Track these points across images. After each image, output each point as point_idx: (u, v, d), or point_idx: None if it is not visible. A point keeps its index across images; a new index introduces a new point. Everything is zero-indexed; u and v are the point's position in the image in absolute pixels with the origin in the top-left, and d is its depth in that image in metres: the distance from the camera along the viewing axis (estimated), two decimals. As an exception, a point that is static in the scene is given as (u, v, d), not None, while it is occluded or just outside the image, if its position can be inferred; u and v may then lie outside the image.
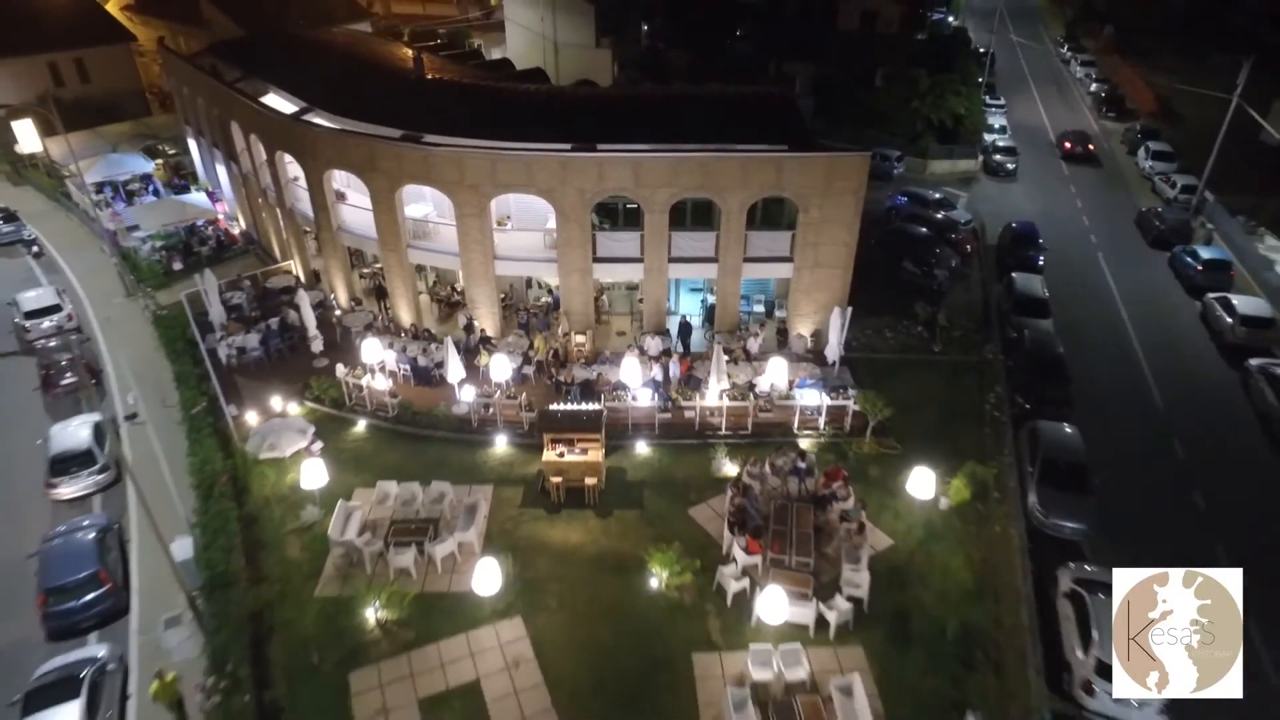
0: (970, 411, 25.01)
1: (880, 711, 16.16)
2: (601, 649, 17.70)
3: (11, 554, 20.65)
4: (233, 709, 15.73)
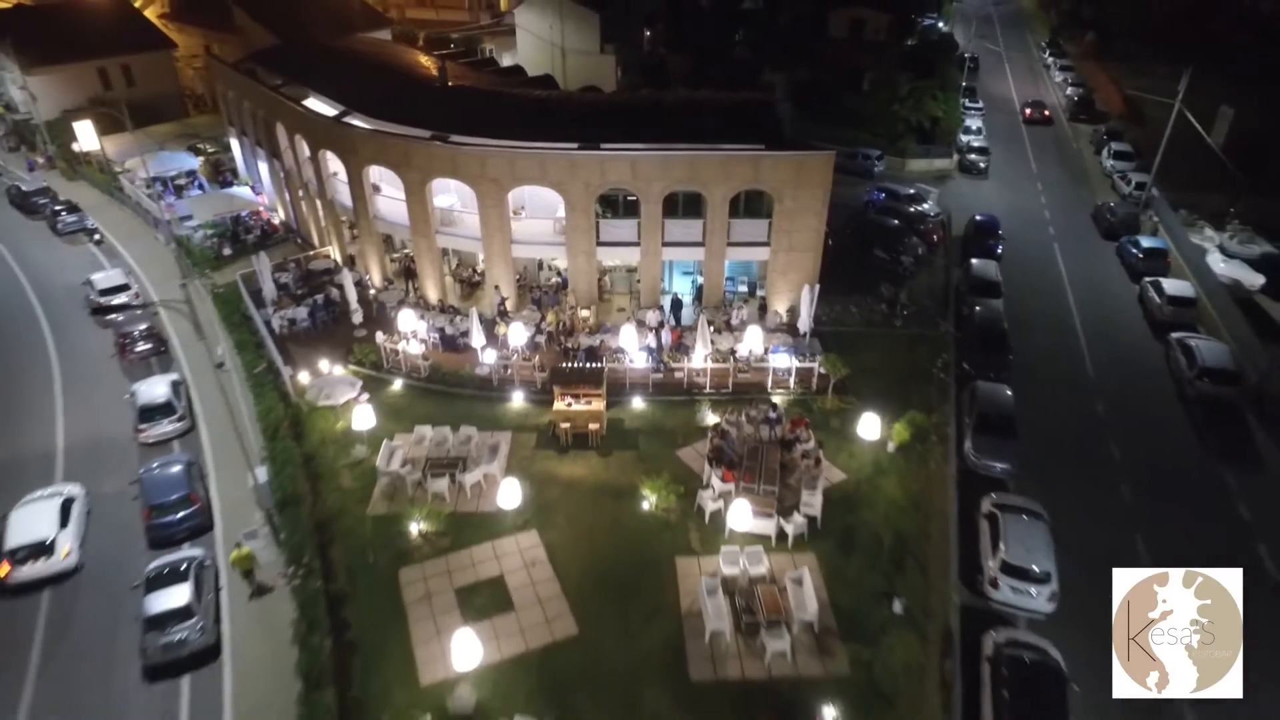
0: (921, 375, 29.00)
1: (824, 598, 20.19)
2: (602, 554, 21.78)
3: (112, 486, 24.82)
4: (309, 589, 19.87)
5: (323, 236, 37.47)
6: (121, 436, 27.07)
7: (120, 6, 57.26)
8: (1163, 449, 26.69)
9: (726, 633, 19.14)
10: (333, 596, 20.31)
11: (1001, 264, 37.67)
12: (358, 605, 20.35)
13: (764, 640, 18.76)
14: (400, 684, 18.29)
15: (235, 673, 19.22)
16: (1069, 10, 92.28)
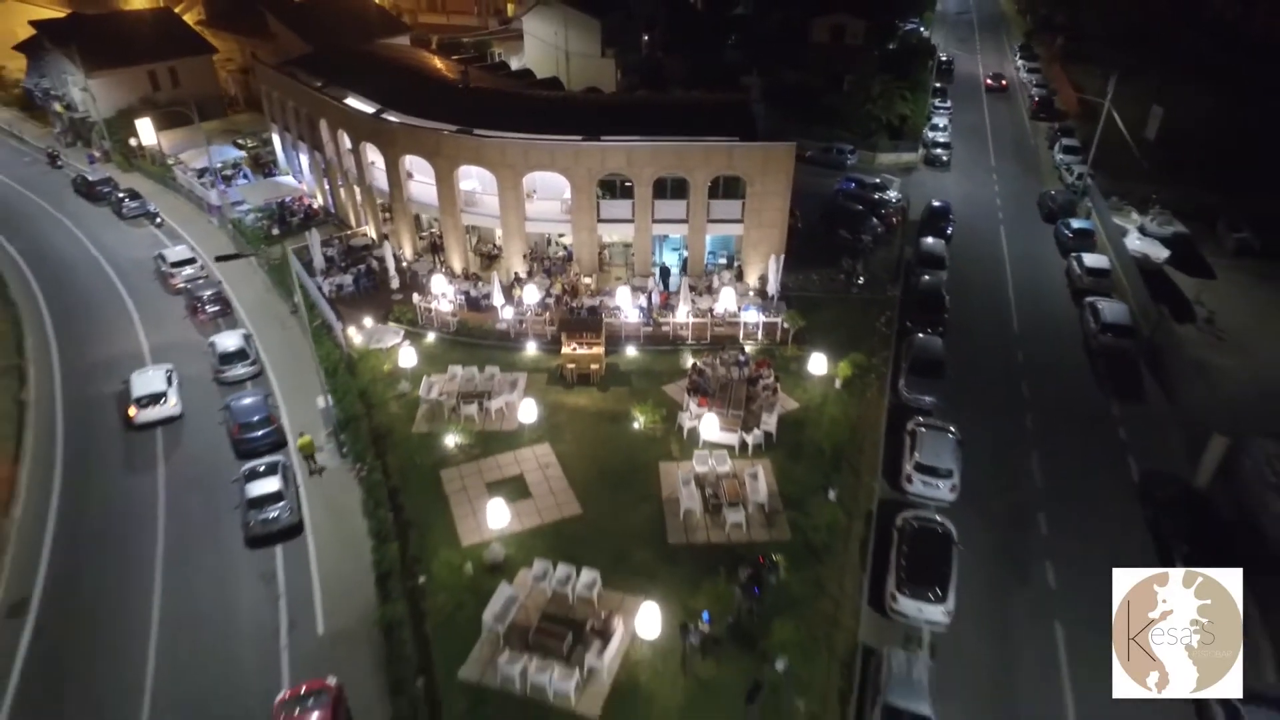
0: (868, 330, 34.59)
1: (774, 489, 25.82)
2: (601, 459, 27.40)
3: (206, 415, 30.45)
4: (373, 481, 25.55)
5: (359, 217, 43.14)
6: (203, 378, 32.73)
7: (166, 16, 63.05)
8: (1065, 388, 32.27)
9: (696, 511, 24.76)
10: (389, 488, 25.96)
11: (950, 243, 43.27)
12: (408, 495, 25.98)
13: (725, 515, 24.38)
14: (446, 545, 23.94)
15: (316, 543, 24.84)
16: (1044, 16, 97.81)
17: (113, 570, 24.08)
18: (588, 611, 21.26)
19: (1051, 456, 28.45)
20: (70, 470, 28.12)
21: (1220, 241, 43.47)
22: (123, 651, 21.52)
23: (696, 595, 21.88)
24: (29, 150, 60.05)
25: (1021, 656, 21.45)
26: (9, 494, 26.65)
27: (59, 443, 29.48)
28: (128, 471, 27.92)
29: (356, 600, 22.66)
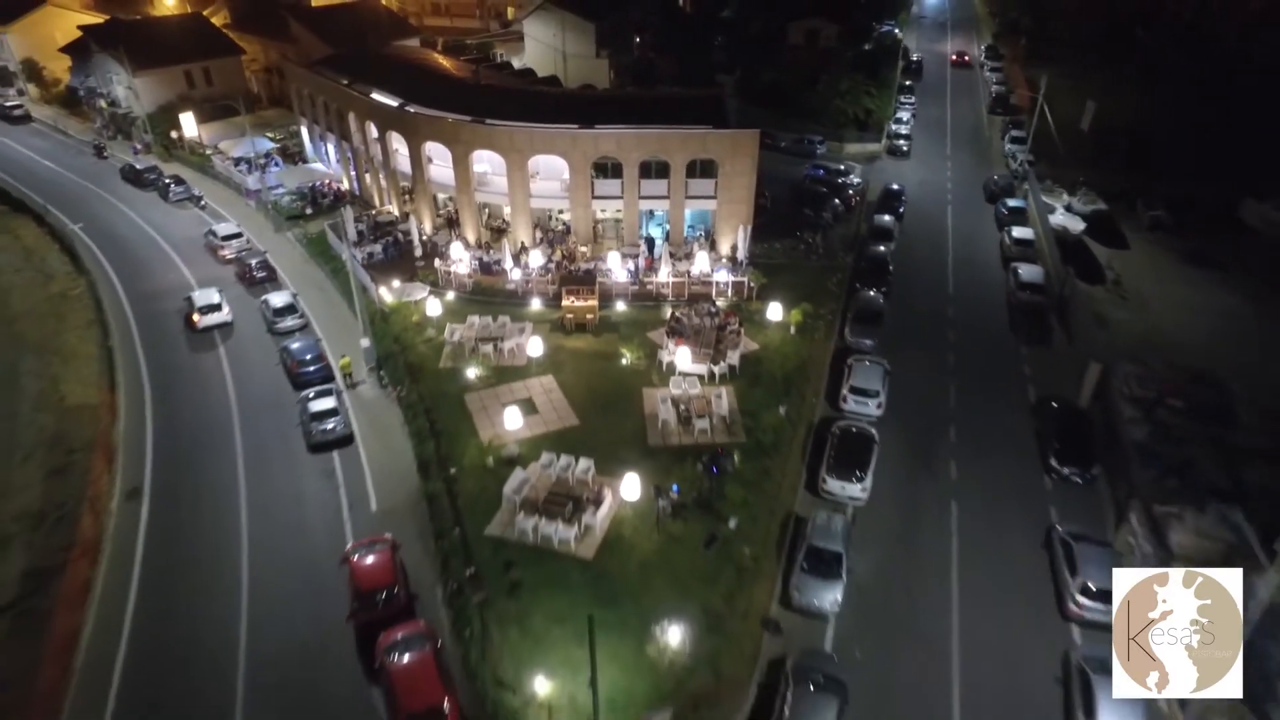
0: (822, 289, 40.72)
1: (735, 406, 31.92)
2: (594, 387, 33.47)
3: (266, 359, 36.45)
4: (411, 400, 31.64)
5: (383, 198, 49.17)
6: (258, 330, 38.73)
7: (199, 20, 68.99)
8: (985, 336, 38.42)
9: (671, 422, 30.86)
10: (423, 408, 32.01)
11: (902, 220, 49.48)
12: (438, 413, 31.99)
13: (694, 424, 30.50)
14: (471, 445, 30.01)
15: (366, 449, 30.86)
16: (1012, 19, 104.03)
17: (203, 468, 30.13)
18: (584, 488, 27.35)
19: (965, 386, 34.59)
20: (157, 393, 34.20)
21: (1137, 218, 49.68)
22: (219, 526, 27.56)
23: (669, 477, 27.95)
24: (74, 143, 65.89)
25: (922, 523, 27.58)
26: (113, 413, 32.67)
27: (144, 375, 35.52)
28: (202, 390, 34.01)
29: (402, 488, 28.75)
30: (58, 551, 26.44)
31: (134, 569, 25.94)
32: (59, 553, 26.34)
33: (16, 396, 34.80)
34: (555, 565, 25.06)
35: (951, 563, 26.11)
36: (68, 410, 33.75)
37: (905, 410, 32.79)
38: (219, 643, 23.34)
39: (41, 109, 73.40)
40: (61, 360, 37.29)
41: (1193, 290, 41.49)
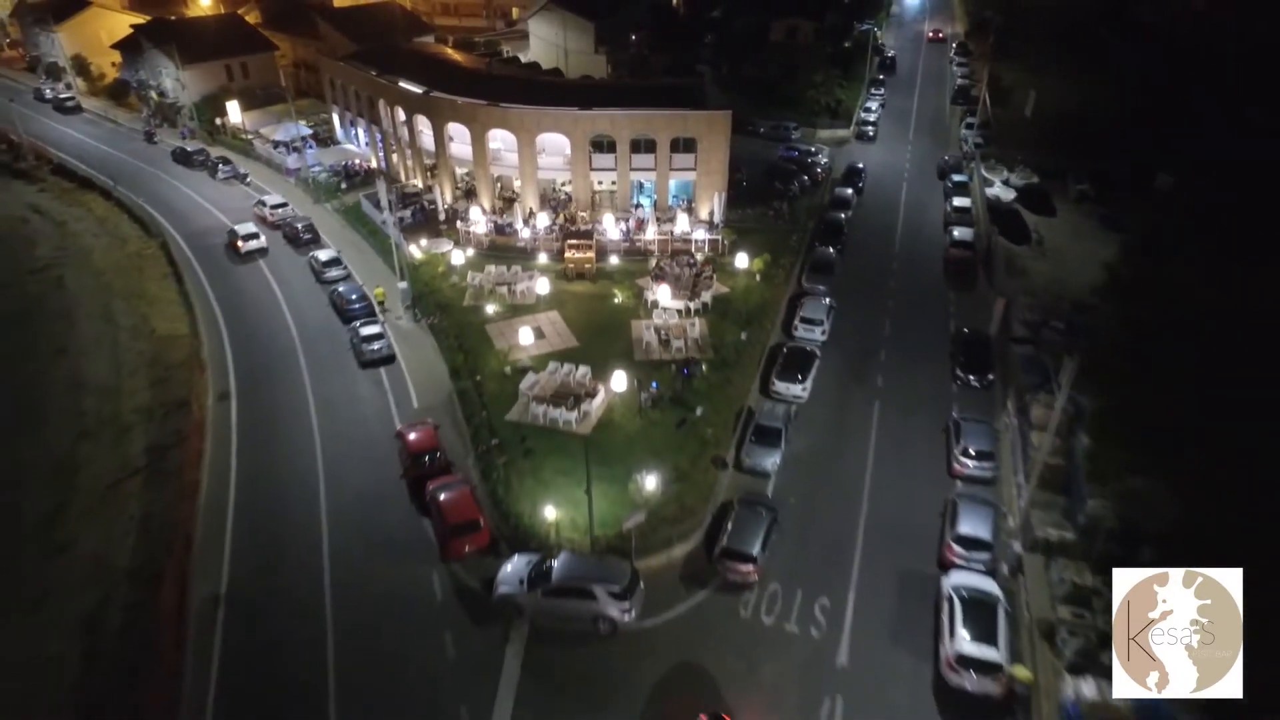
0: (784, 247, 47.99)
1: (705, 332, 39.20)
2: (591, 320, 40.79)
3: (316, 301, 43.76)
4: (441, 327, 38.99)
5: (408, 173, 56.46)
6: (306, 279, 46.05)
7: (237, 19, 76.40)
8: (920, 284, 45.64)
9: (654, 343, 38.16)
10: (456, 339, 39.31)
11: (861, 193, 56.79)
12: (464, 337, 39.28)
13: (671, 344, 37.78)
14: (492, 359, 37.31)
15: (408, 367, 38.15)
16: (984, 18, 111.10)
17: (276, 378, 37.46)
18: (582, 386, 34.64)
19: (899, 321, 41.86)
20: (230, 326, 41.56)
21: (1066, 191, 56.92)
22: (294, 417, 34.90)
23: (650, 377, 35.21)
24: (124, 130, 73.19)
25: (850, 416, 34.84)
26: (197, 339, 40.01)
27: (217, 313, 42.89)
28: (267, 324, 41.33)
29: (437, 391, 36.11)
30: (170, 434, 33.83)
31: (232, 445, 33.30)
32: (172, 435, 33.73)
33: (115, 330, 42.13)
34: (560, 439, 32.37)
35: (870, 442, 33.38)
36: (159, 339, 41.09)
37: (846, 338, 40.08)
38: (304, 493, 30.66)
39: (89, 100, 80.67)
40: (147, 303, 44.62)
41: (1099, 246, 48.66)
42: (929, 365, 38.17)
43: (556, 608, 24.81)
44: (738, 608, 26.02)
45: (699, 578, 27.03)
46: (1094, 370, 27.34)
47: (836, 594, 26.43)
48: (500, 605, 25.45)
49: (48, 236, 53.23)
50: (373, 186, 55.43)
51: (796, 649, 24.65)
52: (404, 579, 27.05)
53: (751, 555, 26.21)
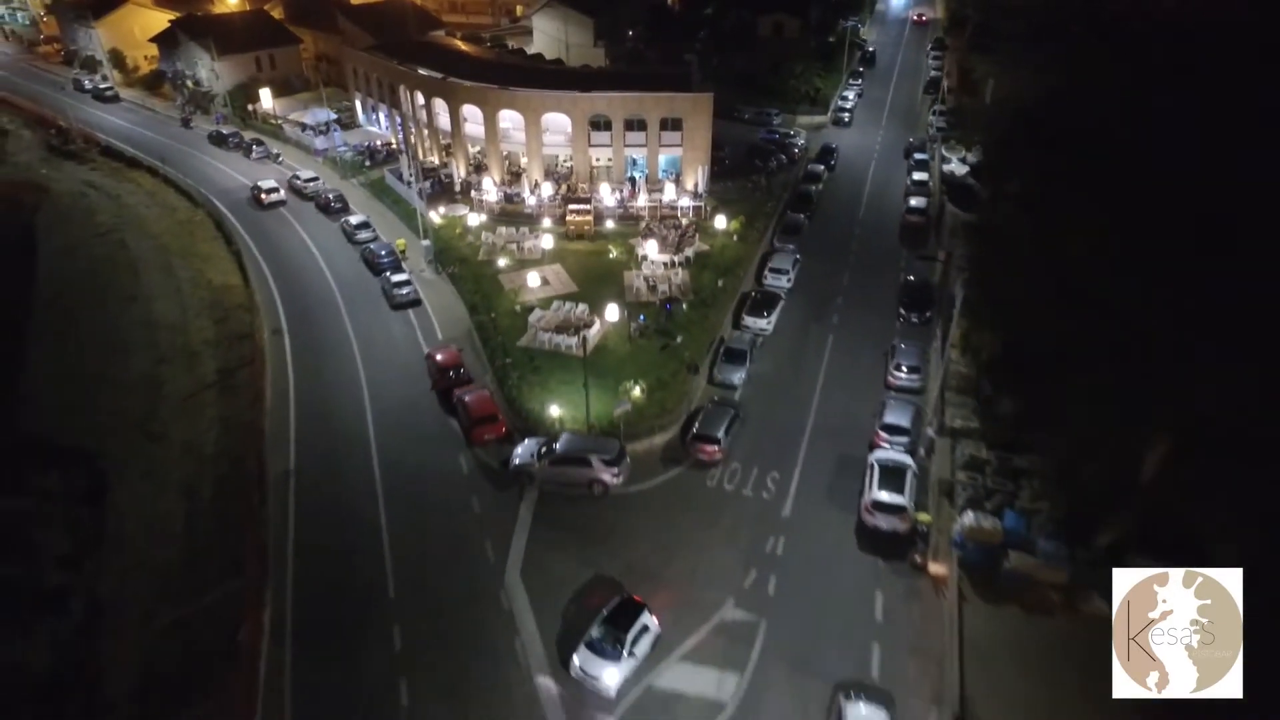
0: (759, 213, 54.42)
1: (687, 280, 45.64)
2: (589, 271, 47.25)
3: (350, 256, 50.26)
4: (459, 276, 45.50)
5: (426, 151, 62.94)
6: (339, 240, 52.53)
7: (264, 15, 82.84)
8: (879, 244, 52.04)
9: (643, 288, 44.62)
10: (471, 286, 45.75)
11: (833, 169, 63.22)
12: (480, 284, 45.72)
13: (658, 289, 44.23)
14: (505, 300, 43.77)
15: (432, 309, 44.61)
16: (963, 15, 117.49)
17: (320, 318, 43.94)
18: (581, 320, 41.10)
19: (856, 274, 48.26)
20: (276, 277, 48.03)
21: (1017, 168, 63.23)
22: (339, 346, 41.39)
23: (638, 312, 41.67)
24: (161, 117, 79.66)
25: (807, 346, 41.26)
26: (251, 290, 46.48)
27: (264, 267, 49.36)
28: (308, 275, 47.77)
29: (457, 327, 42.57)
30: (235, 360, 40.40)
31: (288, 367, 39.79)
32: (236, 360, 40.31)
33: (176, 281, 48.60)
34: (563, 359, 38.84)
35: (822, 364, 39.81)
36: (215, 288, 47.60)
37: (810, 286, 46.50)
38: (352, 401, 37.17)
39: (125, 90, 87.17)
40: (201, 259, 51.11)
41: (1038, 213, 55.00)
42: (879, 308, 44.53)
43: (560, 474, 31.25)
44: (705, 480, 32.45)
45: (675, 458, 33.47)
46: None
47: (785, 470, 32.86)
48: (515, 475, 31.90)
49: (105, 207, 59.70)
50: (394, 164, 62.12)
51: (750, 506, 31.09)
52: (437, 460, 33.51)
53: (716, 438, 32.65)
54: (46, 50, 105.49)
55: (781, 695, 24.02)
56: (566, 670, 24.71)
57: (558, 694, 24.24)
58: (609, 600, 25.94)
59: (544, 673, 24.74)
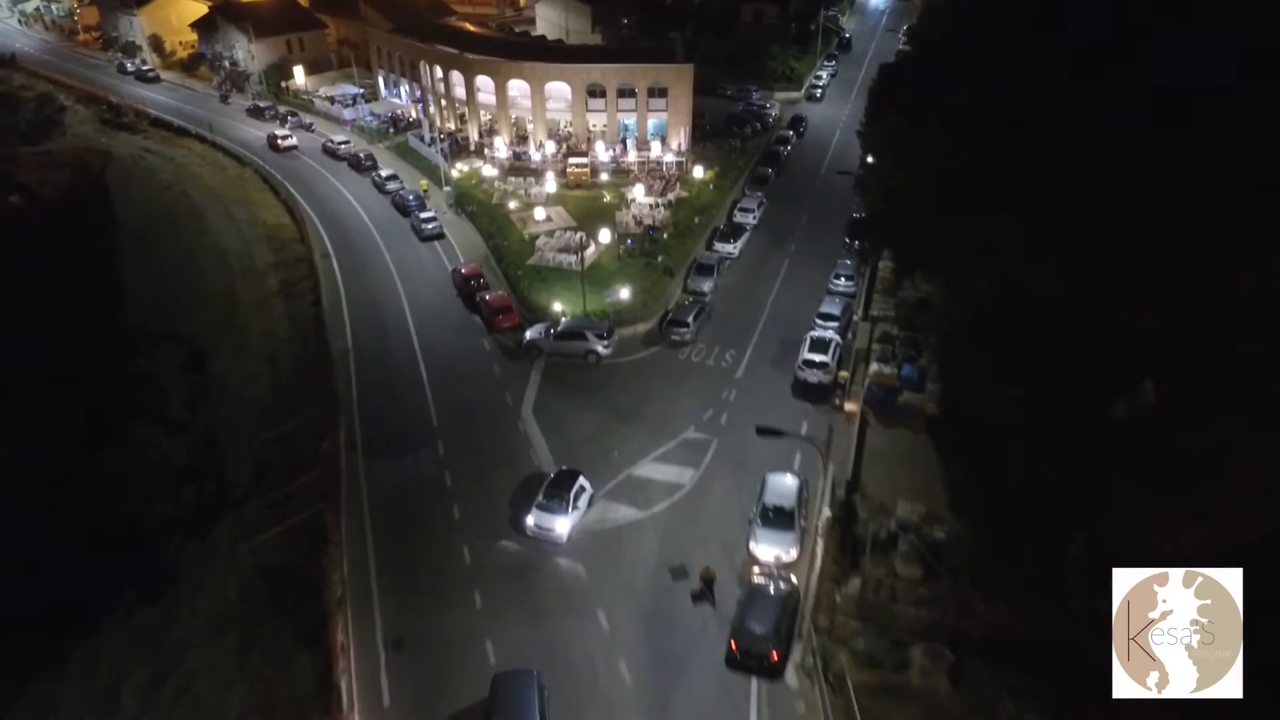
0: (733, 169, 63.03)
1: (669, 217, 54.28)
2: (587, 209, 55.95)
3: (383, 204, 58.93)
4: (477, 213, 54.15)
5: (443, 118, 71.61)
6: (371, 191, 61.19)
7: (295, 3, 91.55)
8: (836, 194, 60.31)
9: (632, 223, 53.27)
10: (487, 224, 54.39)
11: (802, 136, 71.86)
12: (495, 221, 54.34)
13: (643, 221, 52.87)
14: (515, 232, 52.42)
15: (455, 240, 53.25)
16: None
17: (361, 247, 52.65)
18: (579, 243, 49.74)
19: (815, 216, 56.87)
20: (321, 218, 56.66)
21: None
22: (379, 267, 50.05)
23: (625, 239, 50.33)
24: (200, 94, 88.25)
25: (766, 266, 49.89)
26: (298, 226, 55.13)
27: (309, 211, 57.97)
28: (348, 218, 56.42)
29: (476, 254, 51.17)
30: (294, 276, 49.10)
31: (338, 280, 48.49)
32: (295, 276, 48.94)
33: (236, 221, 57.31)
34: (564, 273, 47.46)
35: (777, 279, 48.45)
36: (269, 226, 56.29)
37: (773, 224, 55.12)
38: (393, 304, 45.87)
39: (163, 73, 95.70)
40: (254, 205, 59.79)
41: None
42: (830, 240, 53.05)
43: (562, 346, 39.87)
44: (677, 355, 41.07)
45: (653, 341, 42.10)
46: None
47: (740, 348, 41.49)
48: (528, 349, 40.54)
49: (164, 167, 68.33)
50: (416, 128, 70.76)
51: (711, 372, 39.72)
52: (464, 341, 42.20)
53: (686, 322, 41.28)
54: (85, 38, 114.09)
55: (725, 481, 32.63)
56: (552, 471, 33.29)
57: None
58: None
59: (550, 468, 33.23)
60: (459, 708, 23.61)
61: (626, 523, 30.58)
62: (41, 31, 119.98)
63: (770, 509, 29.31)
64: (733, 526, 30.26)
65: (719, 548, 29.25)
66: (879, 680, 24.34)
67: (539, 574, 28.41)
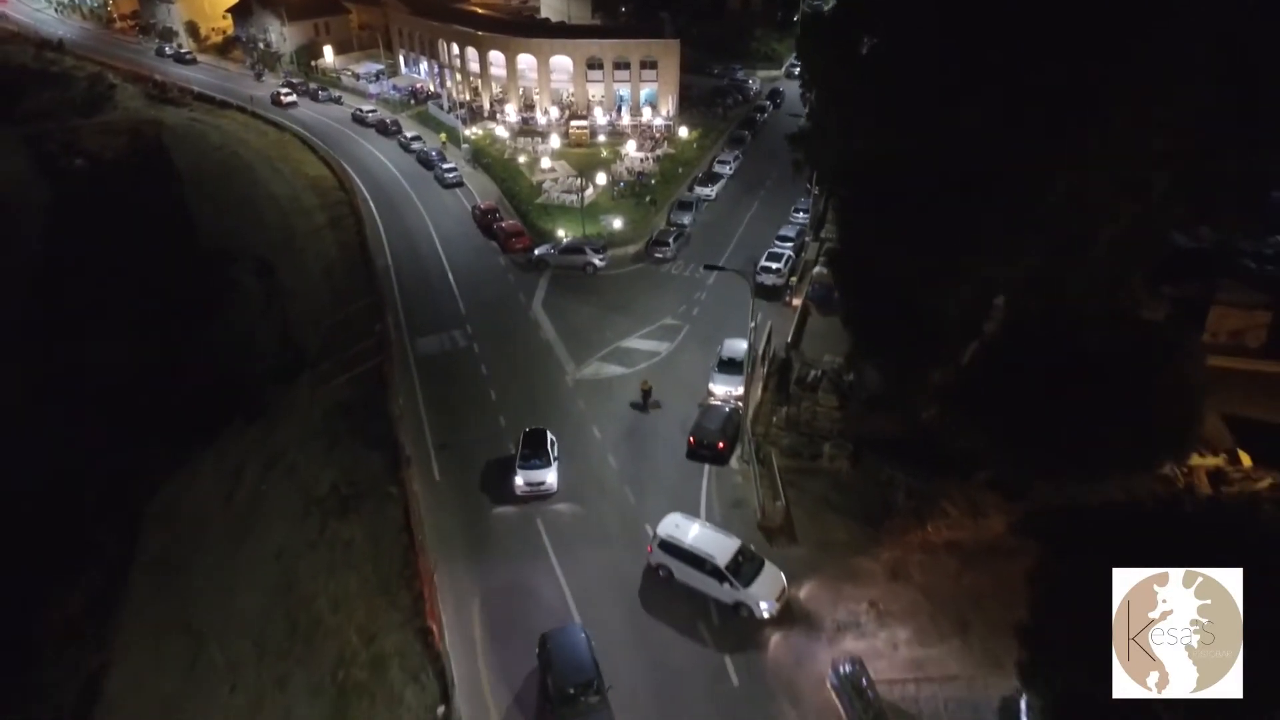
0: (715, 132, 71.82)
1: (657, 168, 63.09)
2: (587, 162, 64.65)
3: (409, 159, 67.84)
4: (491, 165, 63.07)
5: (459, 91, 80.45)
6: (398, 151, 70.03)
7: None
8: (803, 151, 69.36)
9: (625, 171, 62.07)
10: (499, 174, 63.25)
11: (778, 106, 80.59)
12: (507, 170, 63.16)
13: (635, 170, 61.68)
14: (524, 178, 61.30)
15: (473, 187, 62.12)
16: None
17: (393, 194, 61.59)
18: (579, 184, 58.58)
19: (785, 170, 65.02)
20: (356, 171, 65.53)
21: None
22: (409, 208, 58.95)
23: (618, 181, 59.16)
24: (235, 74, 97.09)
25: (739, 206, 58.70)
26: (340, 177, 64.00)
27: (347, 169, 66.90)
28: (379, 170, 65.32)
29: (491, 197, 60.00)
30: (338, 213, 57.95)
31: (376, 216, 57.48)
32: (340, 213, 57.84)
33: (282, 174, 66.16)
34: (567, 209, 56.31)
35: (747, 215, 57.27)
36: (312, 177, 65.19)
37: (747, 175, 63.91)
38: (422, 233, 54.81)
39: (199, 55, 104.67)
40: (296, 162, 68.68)
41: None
42: (795, 190, 61.78)
43: (564, 260, 48.74)
44: (659, 270, 49.90)
45: (640, 260, 50.94)
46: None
47: (713, 262, 50.29)
48: (536, 263, 49.44)
49: (212, 133, 77.20)
50: (436, 98, 79.63)
51: (687, 282, 48.53)
52: (483, 261, 51.09)
53: (668, 242, 50.11)
54: (122, 26, 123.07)
55: (693, 351, 41.44)
56: (570, 352, 42.04)
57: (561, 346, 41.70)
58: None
59: (558, 345, 41.96)
60: (484, 476, 32.87)
61: (615, 376, 39.47)
62: (79, 20, 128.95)
63: (725, 359, 38.14)
64: (697, 380, 39.03)
65: (685, 391, 38.07)
66: (798, 465, 33.14)
67: (550, 408, 37.25)
